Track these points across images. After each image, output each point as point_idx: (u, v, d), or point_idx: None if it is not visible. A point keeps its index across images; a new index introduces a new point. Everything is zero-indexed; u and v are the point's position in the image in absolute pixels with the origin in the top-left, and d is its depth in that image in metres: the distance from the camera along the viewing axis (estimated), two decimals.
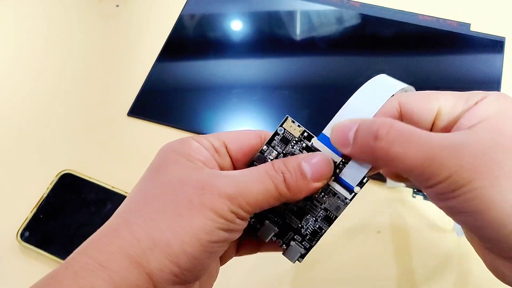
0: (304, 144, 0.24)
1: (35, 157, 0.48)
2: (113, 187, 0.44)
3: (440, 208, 0.21)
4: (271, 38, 0.56)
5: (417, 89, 0.26)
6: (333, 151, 0.23)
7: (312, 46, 0.54)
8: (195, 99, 0.51)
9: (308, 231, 0.25)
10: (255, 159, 0.25)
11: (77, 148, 0.49)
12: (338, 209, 0.24)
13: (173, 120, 0.50)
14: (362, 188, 0.23)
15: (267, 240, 0.25)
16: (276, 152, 0.24)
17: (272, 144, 0.25)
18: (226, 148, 0.24)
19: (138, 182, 0.23)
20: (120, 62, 0.55)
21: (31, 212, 0.43)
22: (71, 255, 0.21)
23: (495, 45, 0.53)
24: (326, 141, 0.23)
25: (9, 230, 0.43)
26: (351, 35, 0.55)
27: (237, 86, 0.52)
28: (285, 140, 0.24)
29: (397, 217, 0.43)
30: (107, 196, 0.44)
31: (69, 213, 0.43)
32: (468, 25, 0.55)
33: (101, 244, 0.21)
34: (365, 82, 0.25)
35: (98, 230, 0.22)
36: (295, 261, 0.25)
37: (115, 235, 0.21)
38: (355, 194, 0.24)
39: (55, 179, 0.45)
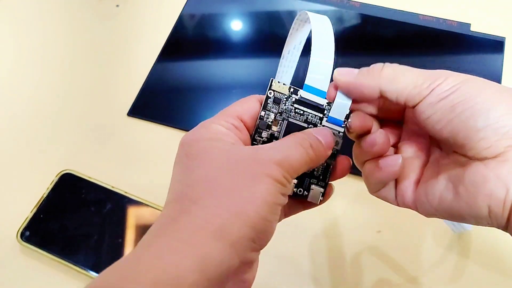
0: (293, 99, 0.27)
1: (35, 157, 0.48)
2: (113, 187, 0.44)
3: (429, 124, 0.24)
4: (271, 38, 0.56)
5: None
6: (318, 96, 0.27)
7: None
8: (195, 99, 0.51)
9: (320, 171, 0.28)
10: (258, 125, 0.27)
11: (77, 148, 0.49)
12: (338, 144, 0.28)
13: (173, 120, 0.50)
14: (349, 120, 0.27)
15: (292, 194, 0.27)
16: (273, 114, 0.27)
17: (268, 108, 0.27)
18: (242, 121, 0.27)
19: (172, 182, 0.24)
20: (120, 62, 0.55)
21: (31, 212, 0.43)
22: (141, 241, 0.21)
23: (495, 45, 0.53)
24: (311, 89, 0.27)
25: (9, 230, 0.43)
26: (351, 35, 0.55)
27: (237, 86, 0.52)
28: (277, 100, 0.27)
29: (397, 217, 0.43)
30: (107, 196, 0.44)
31: (69, 213, 0.43)
32: (468, 25, 0.55)
33: (177, 227, 0.21)
34: None
35: (155, 223, 0.22)
36: (319, 201, 0.28)
37: (188, 218, 0.21)
38: (345, 126, 0.27)
39: (55, 179, 0.45)
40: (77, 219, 0.43)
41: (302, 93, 0.27)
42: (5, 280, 0.41)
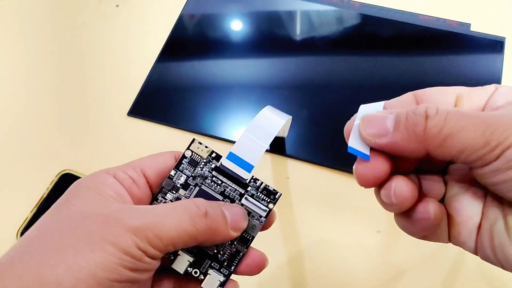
0: (213, 165, 0.24)
1: (35, 157, 0.48)
2: None
3: (494, 190, 0.19)
4: (271, 38, 0.56)
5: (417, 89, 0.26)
6: (243, 168, 0.24)
7: (312, 46, 0.54)
8: (195, 99, 0.51)
9: (226, 256, 0.24)
10: (164, 185, 0.24)
11: (77, 148, 0.49)
12: (254, 228, 0.24)
13: (173, 120, 0.50)
14: (276, 204, 0.24)
15: (182, 272, 0.23)
16: (185, 176, 0.24)
17: (181, 168, 0.24)
18: (145, 176, 0.23)
19: (37, 221, 0.21)
20: (120, 62, 0.55)
21: (31, 212, 0.43)
22: None
23: (495, 45, 0.53)
24: (235, 159, 0.24)
25: (9, 230, 0.43)
26: (351, 35, 0.55)
27: (237, 86, 0.52)
28: (194, 163, 0.24)
29: None
30: None
31: None
32: (468, 25, 0.55)
33: None
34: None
35: None
36: None
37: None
38: (270, 210, 0.24)
39: (55, 179, 0.45)
40: None
41: (224, 161, 0.24)
42: None
